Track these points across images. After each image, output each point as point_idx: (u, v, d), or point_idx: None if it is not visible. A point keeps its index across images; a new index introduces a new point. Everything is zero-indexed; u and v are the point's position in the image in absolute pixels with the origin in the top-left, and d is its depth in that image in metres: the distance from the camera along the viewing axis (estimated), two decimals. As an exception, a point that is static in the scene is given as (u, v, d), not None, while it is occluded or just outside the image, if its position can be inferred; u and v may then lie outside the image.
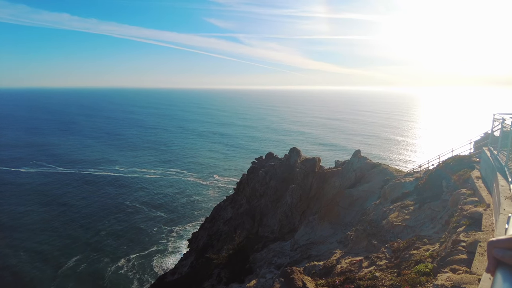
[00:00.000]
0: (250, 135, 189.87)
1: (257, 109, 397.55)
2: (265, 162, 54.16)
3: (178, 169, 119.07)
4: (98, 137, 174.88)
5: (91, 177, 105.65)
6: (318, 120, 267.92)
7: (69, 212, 78.71)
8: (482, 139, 20.08)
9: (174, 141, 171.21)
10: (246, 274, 26.84)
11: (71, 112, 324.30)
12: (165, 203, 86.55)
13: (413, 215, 15.10)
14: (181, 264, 47.38)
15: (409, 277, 8.61)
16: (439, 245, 10.36)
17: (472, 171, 14.37)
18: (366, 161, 31.27)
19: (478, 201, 10.66)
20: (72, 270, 55.87)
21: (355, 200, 27.01)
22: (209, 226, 52.86)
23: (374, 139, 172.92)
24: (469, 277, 6.07)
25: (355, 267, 15.10)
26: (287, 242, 30.21)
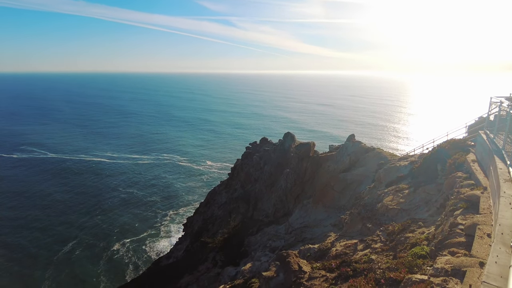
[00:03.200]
0: (240, 122, 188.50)
1: (247, 94, 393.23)
2: (259, 147, 54.02)
3: (171, 154, 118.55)
4: (84, 125, 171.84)
5: (83, 163, 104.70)
6: (310, 106, 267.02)
7: (62, 198, 78.29)
8: (477, 123, 20.08)
9: (163, 128, 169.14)
10: (241, 257, 27.13)
11: (54, 98, 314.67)
12: (159, 188, 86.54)
13: (408, 199, 15.17)
14: (176, 248, 47.76)
15: (405, 260, 8.63)
16: (434, 228, 10.40)
17: (467, 155, 14.37)
18: (360, 145, 31.31)
19: (475, 184, 10.65)
20: (68, 255, 56.02)
21: (349, 184, 27.16)
22: (204, 211, 53.08)
23: (366, 125, 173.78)
24: (470, 260, 6.03)
25: (350, 250, 15.24)
26: (281, 225, 30.49)
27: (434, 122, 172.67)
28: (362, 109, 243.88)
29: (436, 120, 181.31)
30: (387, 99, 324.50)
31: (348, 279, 9.42)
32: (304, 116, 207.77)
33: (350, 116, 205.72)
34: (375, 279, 7.96)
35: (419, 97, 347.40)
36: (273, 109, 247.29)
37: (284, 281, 12.32)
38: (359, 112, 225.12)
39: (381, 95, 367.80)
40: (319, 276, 11.02)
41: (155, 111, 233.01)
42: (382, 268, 8.90)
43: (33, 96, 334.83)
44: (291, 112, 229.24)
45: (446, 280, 5.82)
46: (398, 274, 7.43)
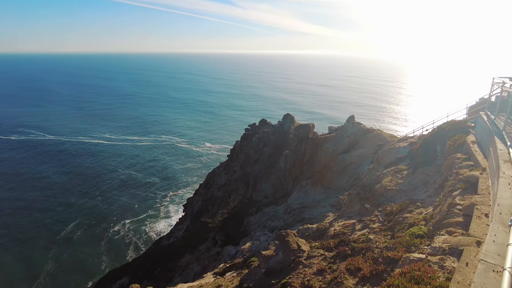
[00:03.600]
0: (238, 103, 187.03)
1: (245, 74, 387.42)
2: (259, 128, 53.90)
3: (169, 136, 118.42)
4: (81, 106, 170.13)
5: (81, 145, 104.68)
6: (309, 87, 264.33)
7: (61, 179, 78.76)
8: (477, 104, 19.97)
9: (161, 109, 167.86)
10: (240, 237, 27.64)
11: (48, 79, 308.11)
12: (158, 170, 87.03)
13: (407, 180, 15.27)
14: (177, 228, 48.57)
15: (403, 240, 8.76)
16: (432, 209, 10.52)
17: (467, 136, 14.35)
18: (360, 126, 31.25)
19: (474, 165, 10.69)
20: (69, 236, 56.96)
21: (348, 165, 27.31)
22: (204, 192, 53.61)
23: (366, 106, 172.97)
24: (467, 239, 6.12)
25: (348, 230, 15.50)
26: (280, 206, 30.89)
27: (435, 103, 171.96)
28: (364, 90, 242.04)
29: (436, 101, 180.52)
30: (388, 80, 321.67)
31: (346, 258, 9.58)
32: (303, 98, 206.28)
33: (350, 98, 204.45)
34: (373, 258, 8.10)
35: (422, 79, 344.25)
36: (272, 90, 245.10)
37: (283, 260, 12.58)
38: (360, 94, 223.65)
39: (387, 77, 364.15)
40: (317, 255, 11.22)
41: (153, 92, 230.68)
42: (380, 248, 9.05)
43: (26, 77, 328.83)
44: (291, 93, 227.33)
45: (444, 258, 5.93)
46: (395, 253, 7.56)
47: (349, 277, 7.59)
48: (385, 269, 6.99)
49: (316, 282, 8.10)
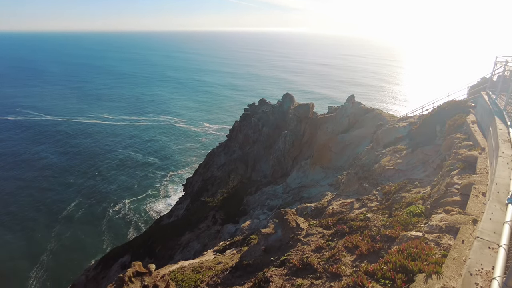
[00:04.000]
0: (236, 83, 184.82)
1: (242, 53, 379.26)
2: (258, 108, 53.59)
3: (167, 116, 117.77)
4: (77, 86, 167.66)
5: (79, 125, 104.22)
6: (305, 65, 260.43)
7: (60, 159, 78.96)
8: (479, 84, 19.80)
9: (158, 89, 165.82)
10: (240, 215, 28.11)
11: (42, 59, 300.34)
12: (157, 150, 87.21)
13: (405, 159, 15.36)
14: (177, 208, 49.28)
15: (400, 218, 8.91)
16: (430, 188, 10.63)
17: (467, 116, 14.31)
18: (360, 106, 31.10)
19: (473, 145, 10.72)
20: (71, 215, 57.77)
21: (347, 145, 27.39)
22: (203, 172, 53.99)
23: (365, 86, 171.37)
24: (463, 218, 6.23)
25: (346, 209, 15.74)
26: (279, 185, 31.23)
27: (435, 83, 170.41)
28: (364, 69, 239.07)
29: (437, 81, 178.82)
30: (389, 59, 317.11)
31: (344, 236, 9.76)
32: (302, 77, 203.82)
33: (349, 77, 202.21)
34: (371, 236, 8.26)
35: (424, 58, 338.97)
36: (270, 69, 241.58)
37: (282, 238, 12.84)
38: (359, 73, 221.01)
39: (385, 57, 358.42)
40: (316, 232, 11.41)
41: (149, 71, 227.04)
42: (378, 226, 9.22)
43: (19, 57, 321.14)
44: (289, 72, 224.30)
45: (440, 236, 6.05)
46: (393, 232, 7.71)
47: (346, 254, 7.77)
48: (383, 247, 7.14)
49: (314, 259, 8.29)
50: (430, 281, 4.63)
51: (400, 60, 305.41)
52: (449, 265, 4.88)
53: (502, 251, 4.06)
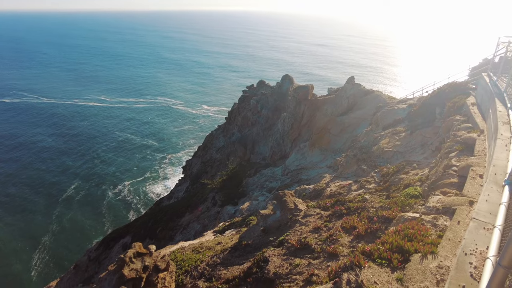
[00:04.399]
0: (234, 64, 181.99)
1: (240, 33, 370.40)
2: (257, 90, 53.12)
3: (165, 98, 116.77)
4: (73, 68, 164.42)
5: (76, 107, 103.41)
6: (307, 46, 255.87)
7: (58, 142, 78.85)
8: (480, 65, 19.57)
9: (155, 70, 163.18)
10: (239, 197, 28.42)
11: (36, 40, 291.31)
12: (156, 132, 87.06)
13: (404, 141, 15.39)
14: (177, 189, 49.74)
15: (398, 200, 9.02)
16: (428, 170, 10.71)
17: (468, 98, 14.23)
18: (360, 87, 30.83)
19: (472, 127, 10.71)
20: (71, 197, 58.27)
21: (347, 127, 27.36)
22: (202, 154, 54.15)
23: (364, 67, 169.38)
24: (460, 199, 6.30)
25: (344, 190, 15.91)
26: (278, 167, 31.42)
27: (436, 65, 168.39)
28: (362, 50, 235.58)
29: (438, 63, 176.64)
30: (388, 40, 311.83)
31: (342, 217, 9.89)
32: (302, 58, 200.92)
33: (349, 58, 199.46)
34: (368, 217, 8.38)
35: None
36: (269, 50, 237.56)
37: (280, 218, 13.03)
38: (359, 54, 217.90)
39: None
40: (314, 213, 11.56)
41: (145, 53, 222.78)
42: (375, 207, 9.33)
43: (12, 38, 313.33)
44: (288, 53, 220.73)
45: (437, 217, 6.14)
46: (390, 213, 7.81)
47: (344, 235, 7.90)
48: (380, 228, 7.25)
49: (312, 239, 8.44)
50: (426, 261, 4.73)
51: (400, 42, 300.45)
52: (444, 245, 4.98)
53: (497, 231, 4.13)
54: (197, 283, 9.82)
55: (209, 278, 9.88)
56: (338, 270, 5.15)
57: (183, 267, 11.12)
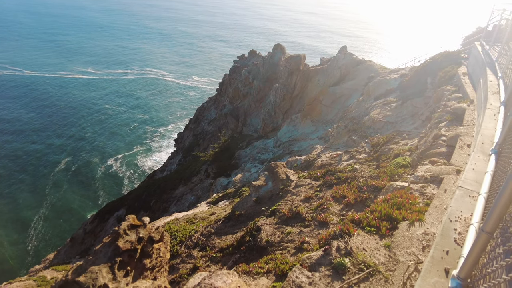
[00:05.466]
0: (223, 34, 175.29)
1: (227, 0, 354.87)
2: (248, 60, 51.95)
3: (154, 69, 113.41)
4: (55, 40, 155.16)
5: (63, 80, 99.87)
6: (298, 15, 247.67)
7: (46, 115, 76.82)
8: (474, 34, 19.33)
9: (142, 41, 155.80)
10: (232, 169, 28.67)
11: (10, 8, 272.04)
12: (145, 104, 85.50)
13: (395, 112, 15.45)
14: (169, 162, 49.82)
15: (387, 169, 9.19)
16: (418, 140, 10.85)
17: (459, 68, 14.18)
18: (352, 57, 30.39)
19: (462, 97, 10.76)
20: (63, 172, 57.72)
21: (338, 98, 27.27)
22: (194, 127, 53.78)
23: (356, 37, 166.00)
24: (448, 168, 6.44)
25: (335, 161, 16.14)
26: (270, 139, 31.53)
27: (430, 34, 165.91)
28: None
29: (432, 32, 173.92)
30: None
31: (332, 186, 10.09)
32: (292, 27, 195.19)
33: (341, 27, 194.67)
34: (358, 187, 8.57)
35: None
36: (258, 19, 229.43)
37: (272, 189, 13.27)
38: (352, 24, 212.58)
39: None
40: (305, 184, 11.77)
41: (130, 22, 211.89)
42: (365, 177, 9.52)
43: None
44: (278, 21, 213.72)
45: (425, 186, 6.29)
46: (380, 182, 7.98)
47: (334, 204, 8.09)
48: (369, 197, 7.43)
49: (303, 209, 8.64)
50: (413, 228, 4.90)
51: (394, 11, 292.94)
52: (431, 213, 5.14)
53: (482, 199, 4.26)
54: (191, 252, 10.09)
55: (204, 247, 10.16)
56: (328, 238, 5.31)
57: (177, 238, 11.38)
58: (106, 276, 6.81)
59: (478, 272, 3.15)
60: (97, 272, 6.80)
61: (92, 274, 6.75)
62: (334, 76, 30.35)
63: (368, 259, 4.43)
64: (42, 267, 24.10)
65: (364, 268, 4.31)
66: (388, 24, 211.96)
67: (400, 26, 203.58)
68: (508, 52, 9.89)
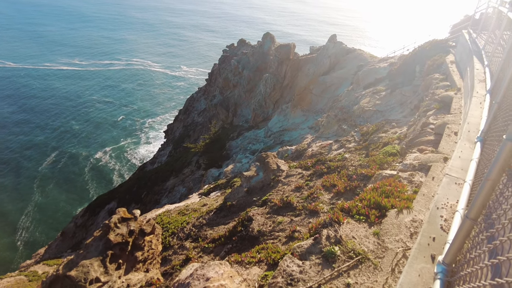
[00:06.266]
0: (210, 24, 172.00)
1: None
2: (237, 49, 51.39)
3: (141, 60, 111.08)
4: (37, 30, 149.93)
5: (48, 71, 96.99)
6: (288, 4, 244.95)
7: (33, 106, 74.79)
8: (461, 22, 19.48)
9: (128, 32, 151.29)
10: (223, 160, 28.64)
11: None
12: (134, 96, 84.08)
13: (384, 100, 15.57)
14: (160, 154, 49.45)
15: (376, 158, 9.31)
16: (406, 128, 10.99)
17: (447, 56, 14.30)
18: (342, 46, 30.34)
19: (450, 85, 10.89)
20: (53, 166, 56.59)
21: (328, 87, 27.31)
22: (184, 118, 53.30)
23: (345, 26, 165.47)
24: (436, 156, 6.55)
25: (325, 150, 16.26)
26: (261, 130, 31.51)
27: (419, 23, 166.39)
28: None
29: (421, 21, 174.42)
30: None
31: (322, 176, 10.18)
32: (281, 16, 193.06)
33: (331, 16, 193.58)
34: (348, 175, 8.67)
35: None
36: (247, 7, 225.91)
37: (263, 179, 13.32)
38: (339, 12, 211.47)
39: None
40: (295, 173, 11.85)
41: (114, 12, 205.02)
42: (355, 166, 9.63)
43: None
44: (266, 11, 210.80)
45: (413, 174, 6.40)
46: (369, 170, 8.08)
47: (324, 193, 8.18)
48: (359, 185, 7.52)
49: (294, 198, 8.71)
50: (401, 215, 5.00)
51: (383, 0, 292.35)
52: (419, 201, 5.25)
53: (467, 186, 4.35)
54: (184, 243, 10.12)
55: (196, 238, 10.19)
56: (319, 227, 5.37)
57: (169, 230, 11.38)
58: (98, 270, 6.79)
59: (462, 257, 3.23)
60: (89, 266, 6.78)
61: (83, 268, 6.73)
62: (324, 65, 30.32)
63: (358, 247, 4.51)
64: (33, 262, 23.88)
65: (354, 256, 4.39)
66: (376, 12, 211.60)
67: (389, 14, 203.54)
68: (494, 40, 10.00)
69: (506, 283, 1.83)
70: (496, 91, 6.89)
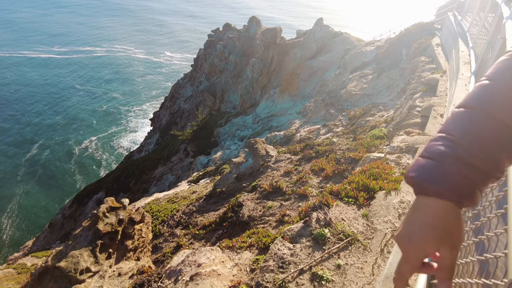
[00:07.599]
0: (192, 9, 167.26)
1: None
2: (223, 34, 50.39)
3: (123, 46, 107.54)
4: (10, 18, 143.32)
5: (29, 60, 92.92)
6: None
7: (13, 96, 72.05)
8: (447, 4, 19.53)
9: (106, 18, 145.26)
10: (211, 147, 28.50)
11: None
12: (118, 83, 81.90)
13: (371, 84, 15.65)
14: (147, 142, 48.79)
15: (364, 141, 9.41)
16: (393, 112, 11.10)
17: (433, 38, 14.38)
18: (328, 29, 30.11)
19: (436, 68, 10.99)
20: (36, 157, 54.98)
21: (316, 71, 27.23)
22: (170, 105, 52.45)
23: (329, 10, 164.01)
24: (422, 138, 6.66)
25: (313, 135, 16.34)
26: (249, 116, 31.36)
27: (405, 6, 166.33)
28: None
29: (407, 3, 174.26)
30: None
31: (311, 160, 10.26)
32: (265, 2, 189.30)
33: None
34: (336, 159, 8.75)
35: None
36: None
37: (253, 165, 13.34)
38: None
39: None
40: (284, 159, 11.90)
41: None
42: (343, 149, 9.72)
43: None
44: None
45: (400, 156, 6.49)
46: (357, 154, 8.18)
47: (313, 177, 8.25)
48: (347, 168, 7.61)
49: (283, 183, 8.76)
50: (389, 197, 5.08)
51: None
52: (406, 182, 5.33)
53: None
54: (174, 231, 10.11)
55: (186, 225, 10.19)
56: (308, 210, 5.42)
57: (159, 218, 11.33)
58: (88, 260, 6.72)
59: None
60: (78, 256, 6.69)
61: (73, 259, 6.64)
62: (311, 49, 30.11)
63: (347, 229, 4.58)
64: (21, 254, 23.53)
65: (343, 238, 4.46)
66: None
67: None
68: (479, 23, 10.06)
69: (495, 257, 1.87)
70: (481, 73, 6.98)
